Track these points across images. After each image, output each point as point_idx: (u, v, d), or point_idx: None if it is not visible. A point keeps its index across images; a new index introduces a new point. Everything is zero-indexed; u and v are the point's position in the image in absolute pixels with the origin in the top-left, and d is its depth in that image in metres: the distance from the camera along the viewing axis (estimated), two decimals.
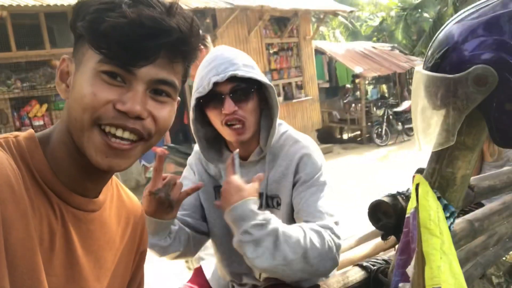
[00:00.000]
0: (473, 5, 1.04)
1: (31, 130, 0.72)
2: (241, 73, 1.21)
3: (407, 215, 1.16)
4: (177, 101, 0.76)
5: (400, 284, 1.10)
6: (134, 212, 0.89)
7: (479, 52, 0.96)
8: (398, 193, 1.30)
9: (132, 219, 0.88)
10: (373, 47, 13.79)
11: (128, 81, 0.67)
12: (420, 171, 2.77)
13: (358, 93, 13.18)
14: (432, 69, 1.05)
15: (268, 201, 1.34)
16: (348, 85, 12.96)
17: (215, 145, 1.40)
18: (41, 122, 6.63)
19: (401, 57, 13.66)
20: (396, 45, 15.75)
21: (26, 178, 0.65)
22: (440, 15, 19.90)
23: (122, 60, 0.65)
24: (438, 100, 1.04)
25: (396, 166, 8.11)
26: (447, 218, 1.16)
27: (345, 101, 12.74)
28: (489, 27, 0.95)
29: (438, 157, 1.15)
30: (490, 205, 1.87)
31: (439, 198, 1.15)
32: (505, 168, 1.85)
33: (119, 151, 0.68)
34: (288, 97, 10.03)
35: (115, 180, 0.85)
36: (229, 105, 1.22)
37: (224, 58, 1.25)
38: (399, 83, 13.78)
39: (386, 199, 1.29)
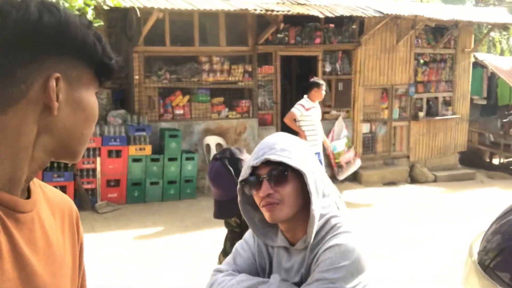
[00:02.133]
0: None
1: None
2: (273, 157, 1.25)
3: None
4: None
5: None
6: (66, 206, 0.91)
7: None
8: None
9: (67, 213, 0.90)
10: None
11: None
12: None
13: None
14: (483, 260, 0.86)
15: None
16: (509, 103, 11.37)
17: (273, 225, 1.41)
18: (181, 112, 7.30)
19: None
20: None
21: None
22: None
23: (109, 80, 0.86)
24: None
25: None
26: None
27: (504, 120, 11.20)
28: None
29: None
30: None
31: None
32: None
33: None
34: (431, 113, 9.23)
35: (36, 180, 0.88)
36: (264, 188, 1.26)
37: (265, 143, 1.31)
38: None
39: None
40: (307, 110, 6.25)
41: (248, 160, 1.33)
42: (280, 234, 1.39)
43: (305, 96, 6.35)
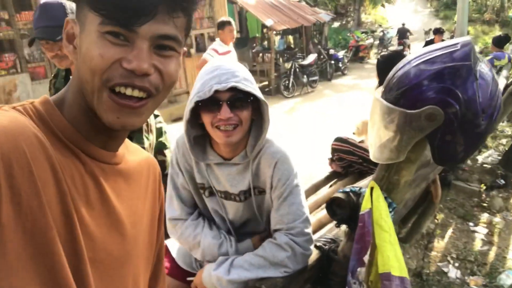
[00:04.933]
0: (428, 50, 1.29)
1: (44, 96, 0.74)
2: (241, 86, 1.35)
3: (361, 212, 1.44)
4: (183, 53, 0.78)
5: (358, 269, 1.40)
6: (151, 164, 0.92)
7: (431, 95, 1.22)
8: (351, 190, 1.57)
9: (152, 170, 0.92)
10: None
11: (131, 40, 0.68)
12: (338, 139, 3.12)
13: (265, 43, 13.41)
14: (391, 102, 1.29)
15: (255, 190, 1.56)
16: (257, 34, 13.14)
17: (200, 143, 1.55)
18: None
19: (308, 9, 14.08)
20: None
21: (50, 139, 0.68)
22: None
23: (122, 20, 0.66)
24: (394, 126, 1.30)
25: (303, 118, 8.67)
26: (390, 212, 1.46)
27: (253, 51, 12.94)
28: (438, 77, 1.21)
29: (387, 166, 1.43)
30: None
31: (385, 198, 1.44)
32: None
33: (130, 109, 0.70)
34: (200, 48, 9.90)
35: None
36: (225, 111, 1.36)
37: (226, 69, 1.38)
38: (305, 35, 14.28)
39: (340, 195, 1.56)
40: (221, 55, 5.26)
41: (205, 81, 1.37)
42: (211, 151, 1.54)
43: (217, 39, 5.40)
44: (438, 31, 8.99)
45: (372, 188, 1.43)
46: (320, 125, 7.99)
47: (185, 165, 1.61)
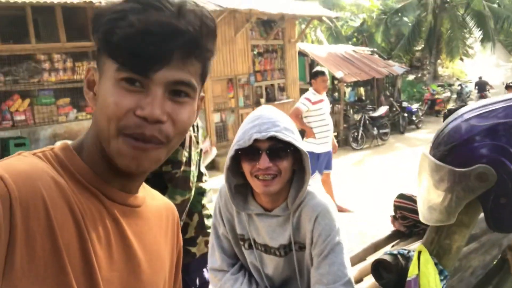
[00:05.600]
0: (480, 105, 1.20)
1: (64, 142, 0.77)
2: (281, 135, 1.34)
3: (408, 278, 1.32)
4: (200, 98, 0.78)
5: None
6: (170, 210, 0.92)
7: (483, 153, 1.12)
8: (399, 253, 1.46)
9: (171, 216, 0.91)
10: (354, 51, 14.04)
11: (146, 86, 0.69)
12: (401, 196, 2.93)
13: (336, 94, 13.43)
14: (439, 158, 1.20)
15: (296, 246, 1.49)
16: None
17: (242, 192, 1.53)
18: (23, 117, 6.55)
19: (380, 62, 13.97)
20: (375, 49, 16.06)
21: (71, 183, 0.69)
22: (419, 20, 20.39)
23: (138, 67, 0.67)
24: (443, 185, 1.20)
25: (372, 171, 8.39)
26: (441, 280, 1.32)
27: None
28: (492, 133, 1.11)
29: (437, 229, 1.31)
30: (469, 245, 2.06)
31: (436, 264, 1.31)
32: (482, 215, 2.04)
33: (143, 151, 0.71)
34: (270, 98, 10.17)
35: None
36: (264, 161, 1.35)
37: (267, 118, 1.38)
38: (377, 87, 14.10)
39: (388, 258, 1.45)
40: (314, 104, 5.29)
41: (246, 130, 1.38)
42: (252, 201, 1.51)
43: (311, 88, 5.43)
44: (509, 86, 8.56)
45: (420, 252, 1.32)
46: (391, 179, 7.65)
47: (227, 215, 1.59)
